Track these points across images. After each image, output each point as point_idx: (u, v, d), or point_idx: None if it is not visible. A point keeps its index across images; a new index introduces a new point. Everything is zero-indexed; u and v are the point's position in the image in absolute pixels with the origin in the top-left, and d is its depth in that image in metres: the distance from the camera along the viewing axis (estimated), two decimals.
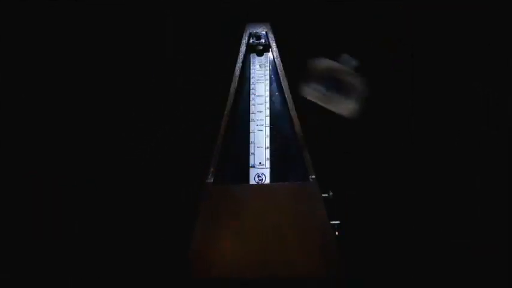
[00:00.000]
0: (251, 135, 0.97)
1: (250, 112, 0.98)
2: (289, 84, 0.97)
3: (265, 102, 0.99)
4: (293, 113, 0.96)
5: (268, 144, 0.97)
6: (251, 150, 0.97)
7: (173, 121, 1.14)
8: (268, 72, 1.00)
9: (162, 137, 1.13)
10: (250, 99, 0.99)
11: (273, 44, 0.99)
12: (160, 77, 1.16)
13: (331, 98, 0.84)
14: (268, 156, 0.96)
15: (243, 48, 0.99)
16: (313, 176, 0.92)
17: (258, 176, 0.96)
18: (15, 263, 1.05)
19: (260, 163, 0.96)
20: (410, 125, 1.11)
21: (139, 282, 1.05)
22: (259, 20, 1.01)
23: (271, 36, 1.00)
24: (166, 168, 1.11)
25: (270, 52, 1.00)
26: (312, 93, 0.85)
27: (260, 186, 0.94)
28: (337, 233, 0.89)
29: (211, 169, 0.94)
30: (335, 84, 0.85)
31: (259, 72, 1.00)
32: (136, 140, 1.13)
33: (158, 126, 1.14)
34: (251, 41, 0.99)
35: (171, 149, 1.12)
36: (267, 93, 0.99)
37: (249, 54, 1.01)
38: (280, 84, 0.98)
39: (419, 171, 1.09)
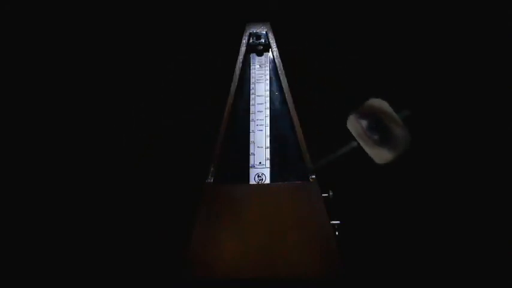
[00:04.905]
0: (251, 135, 0.97)
1: (250, 112, 0.98)
2: (289, 84, 0.97)
3: (265, 102, 0.99)
4: (293, 113, 0.96)
5: (268, 144, 0.97)
6: (251, 150, 0.97)
7: (173, 121, 1.14)
8: (268, 72, 1.00)
9: (162, 137, 1.13)
10: (250, 99, 0.99)
11: (273, 44, 0.99)
12: (160, 77, 1.16)
13: (369, 139, 0.85)
14: (268, 156, 0.96)
15: (243, 48, 0.99)
16: (313, 176, 0.92)
17: (258, 176, 0.96)
18: (15, 263, 1.05)
19: (260, 163, 0.96)
20: (410, 124, 1.11)
21: (140, 282, 1.05)
22: (259, 20, 1.01)
23: (271, 36, 1.00)
24: (166, 168, 1.11)
25: (270, 52, 1.00)
26: (355, 126, 0.86)
27: (260, 186, 0.94)
28: (337, 233, 0.89)
29: (211, 169, 0.94)
30: (380, 128, 0.86)
31: (259, 72, 1.00)
32: (136, 140, 1.13)
33: (158, 126, 1.14)
34: (251, 41, 0.99)
35: (171, 149, 1.12)
36: (267, 93, 0.99)
37: (249, 54, 1.01)
38: (280, 84, 0.98)
39: (420, 171, 1.09)
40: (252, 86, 1.00)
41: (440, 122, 1.11)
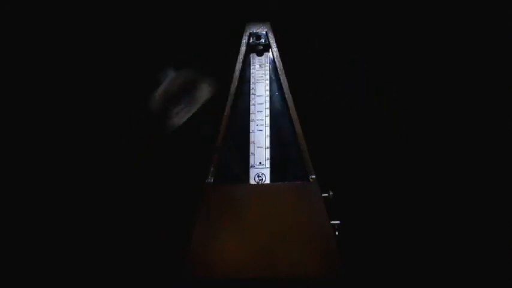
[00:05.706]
0: (251, 135, 0.97)
1: (250, 112, 0.98)
2: (289, 84, 0.97)
3: (265, 102, 0.99)
4: (293, 113, 0.96)
5: (268, 144, 0.97)
6: (251, 150, 0.97)
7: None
8: (268, 72, 1.00)
9: (162, 137, 1.13)
10: (250, 99, 0.99)
11: (273, 44, 0.99)
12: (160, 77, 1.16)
13: (190, 103, 0.89)
14: (268, 156, 0.96)
15: (243, 48, 0.99)
16: (313, 176, 0.92)
17: (258, 176, 0.96)
18: (15, 263, 1.05)
19: (260, 163, 0.96)
20: (411, 125, 1.11)
21: (140, 282, 1.05)
22: (259, 20, 1.01)
23: (271, 36, 1.00)
24: (166, 168, 1.11)
25: (270, 52, 1.00)
26: (180, 114, 0.89)
27: (260, 186, 0.94)
28: (337, 233, 0.89)
29: (211, 169, 0.94)
30: (180, 94, 0.90)
31: (259, 72, 1.00)
32: (136, 141, 1.13)
33: (158, 126, 1.14)
34: (251, 41, 0.99)
35: (171, 149, 1.12)
36: (267, 93, 0.99)
37: (249, 54, 1.01)
38: (280, 84, 0.98)
39: (420, 171, 1.09)
40: (252, 86, 1.00)
41: (440, 122, 1.11)
